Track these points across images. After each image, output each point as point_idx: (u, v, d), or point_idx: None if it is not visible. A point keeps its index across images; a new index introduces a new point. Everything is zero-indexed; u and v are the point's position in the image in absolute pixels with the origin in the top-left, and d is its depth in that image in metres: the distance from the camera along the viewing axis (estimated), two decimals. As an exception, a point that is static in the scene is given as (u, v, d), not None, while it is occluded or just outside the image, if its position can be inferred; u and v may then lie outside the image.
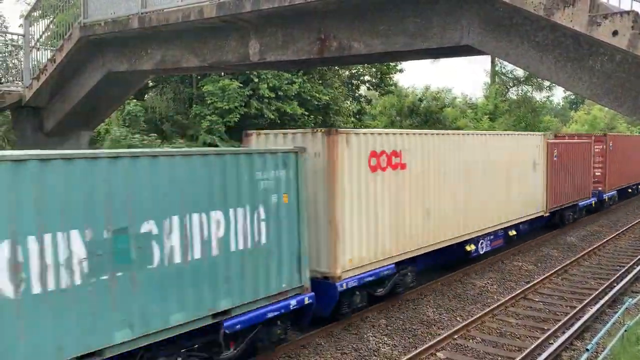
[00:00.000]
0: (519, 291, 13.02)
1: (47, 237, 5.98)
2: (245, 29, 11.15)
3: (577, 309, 11.63)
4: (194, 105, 24.04)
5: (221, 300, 7.86)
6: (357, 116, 32.56)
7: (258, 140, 10.86)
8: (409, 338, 10.37)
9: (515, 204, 16.27)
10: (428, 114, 34.34)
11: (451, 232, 13.19)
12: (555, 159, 18.96)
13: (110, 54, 13.32)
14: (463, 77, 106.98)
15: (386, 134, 11.29)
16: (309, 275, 9.36)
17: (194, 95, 25.22)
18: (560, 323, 10.77)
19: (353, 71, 32.84)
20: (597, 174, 23.79)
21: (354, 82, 33.73)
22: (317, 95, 25.49)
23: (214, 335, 7.90)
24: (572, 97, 76.36)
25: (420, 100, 35.20)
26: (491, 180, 14.90)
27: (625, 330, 9.49)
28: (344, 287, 10.00)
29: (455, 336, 10.36)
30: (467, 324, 10.84)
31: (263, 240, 8.48)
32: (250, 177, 8.30)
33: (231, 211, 7.98)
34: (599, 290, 12.99)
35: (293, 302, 8.97)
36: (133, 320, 6.80)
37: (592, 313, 11.24)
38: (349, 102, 31.72)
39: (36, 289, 5.90)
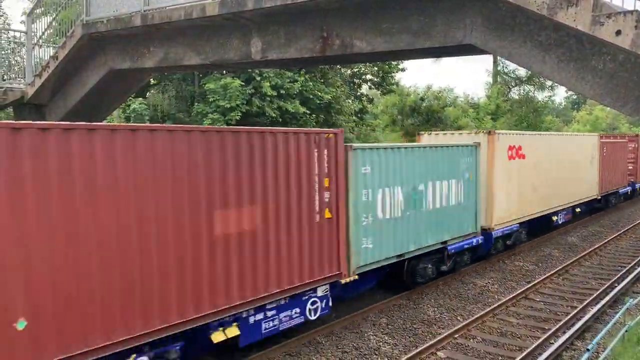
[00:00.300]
0: (519, 291, 13.01)
1: (391, 189, 11.17)
2: (248, 27, 11.15)
3: (578, 309, 11.62)
4: (196, 104, 24.06)
5: (445, 233, 12.96)
6: (359, 115, 32.55)
7: (429, 138, 15.95)
8: (409, 337, 10.37)
9: (580, 188, 20.97)
10: (430, 113, 34.34)
11: (546, 206, 17.97)
12: (604, 154, 23.43)
13: (113, 51, 13.33)
14: (465, 77, 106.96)
15: (515, 134, 16.51)
16: (478, 227, 14.36)
17: (196, 93, 25.25)
18: (561, 323, 10.76)
19: (355, 70, 32.84)
20: (629, 167, 27.87)
21: (356, 81, 33.73)
22: (319, 94, 25.49)
23: (441, 254, 13.10)
24: (574, 97, 76.30)
25: (422, 99, 35.18)
26: (568, 169, 19.55)
27: (626, 331, 9.48)
28: (495, 235, 15.04)
29: (456, 335, 10.35)
30: (468, 324, 10.83)
31: (462, 200, 13.51)
32: (457, 160, 13.29)
33: (450, 181, 13.07)
34: (600, 290, 12.97)
35: (473, 241, 14.11)
36: (415, 239, 11.91)
37: (593, 313, 11.23)
38: (350, 101, 31.72)
39: (387, 215, 11.05)
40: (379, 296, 12.40)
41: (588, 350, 8.44)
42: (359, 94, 34.23)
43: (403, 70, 34.59)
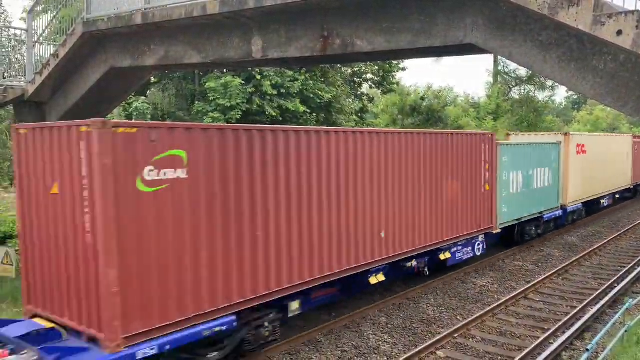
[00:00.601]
0: (519, 291, 13.02)
1: (516, 173, 16.25)
2: (248, 26, 11.14)
3: (578, 309, 11.63)
4: (196, 102, 24.04)
5: (542, 206, 18.28)
6: (359, 114, 32.49)
7: (516, 138, 20.84)
8: (409, 336, 10.38)
9: (618, 178, 26.05)
10: (430, 113, 34.30)
11: (597, 191, 23.11)
12: (635, 151, 28.80)
13: (114, 49, 13.32)
14: (465, 76, 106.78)
15: (580, 134, 22.57)
16: (559, 203, 19.75)
17: (196, 92, 25.24)
18: (560, 323, 10.76)
19: (355, 69, 32.78)
20: None
21: (356, 80, 33.67)
22: (320, 93, 25.46)
23: (538, 221, 18.49)
24: (575, 97, 76.20)
25: (422, 98, 35.13)
26: (611, 163, 24.59)
27: (626, 331, 9.49)
28: (568, 210, 20.34)
29: (456, 335, 10.36)
30: (468, 323, 10.84)
31: (550, 183, 18.81)
32: (549, 154, 18.69)
33: (545, 168, 18.25)
34: (600, 290, 12.98)
35: (556, 213, 19.55)
36: (526, 208, 17.16)
37: (593, 313, 11.23)
38: (351, 100, 31.66)
39: (514, 190, 16.16)
40: (378, 296, 12.41)
41: (588, 350, 8.45)
42: (359, 93, 34.18)
43: (404, 69, 34.54)
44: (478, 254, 14.92)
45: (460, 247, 14.04)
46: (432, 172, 12.42)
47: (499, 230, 15.61)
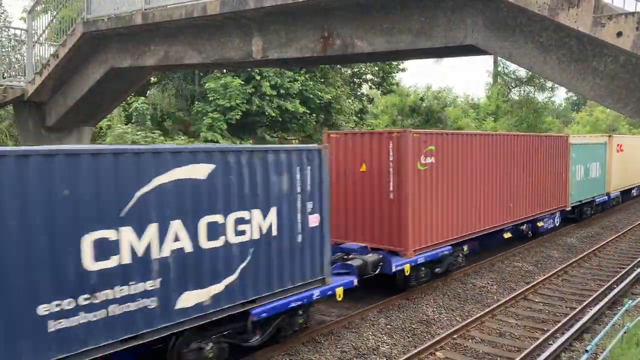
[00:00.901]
0: (518, 292, 13.02)
1: (580, 166, 21.40)
2: (249, 27, 11.15)
3: (577, 310, 11.63)
4: (196, 102, 24.05)
5: (594, 192, 22.97)
6: (359, 115, 32.51)
7: (574, 138, 22.38)
8: (408, 337, 10.37)
9: None
10: (429, 114, 34.32)
11: (630, 183, 27.96)
12: None
13: (113, 49, 13.32)
14: (465, 77, 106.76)
15: (618, 136, 27.79)
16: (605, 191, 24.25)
17: (196, 92, 25.25)
18: (559, 324, 10.76)
19: (355, 70, 32.80)
20: None
21: (356, 80, 33.69)
22: (319, 93, 25.47)
23: (591, 204, 23.20)
24: (574, 98, 76.26)
25: (422, 99, 35.16)
26: (638, 161, 29.17)
27: (625, 332, 9.49)
28: (611, 197, 24.94)
29: (455, 336, 10.35)
30: (467, 324, 10.83)
31: (599, 174, 23.18)
32: (599, 151, 23.21)
33: (597, 162, 22.87)
34: (599, 291, 12.98)
35: (604, 198, 23.96)
36: (585, 193, 21.99)
37: (592, 314, 11.23)
38: (350, 101, 31.68)
39: (578, 179, 21.19)
40: (378, 296, 12.41)
41: (587, 351, 8.44)
42: (359, 93, 34.19)
43: (403, 70, 34.58)
44: (557, 225, 19.86)
45: (547, 219, 18.80)
46: (535, 163, 17.12)
47: (569, 208, 20.62)
